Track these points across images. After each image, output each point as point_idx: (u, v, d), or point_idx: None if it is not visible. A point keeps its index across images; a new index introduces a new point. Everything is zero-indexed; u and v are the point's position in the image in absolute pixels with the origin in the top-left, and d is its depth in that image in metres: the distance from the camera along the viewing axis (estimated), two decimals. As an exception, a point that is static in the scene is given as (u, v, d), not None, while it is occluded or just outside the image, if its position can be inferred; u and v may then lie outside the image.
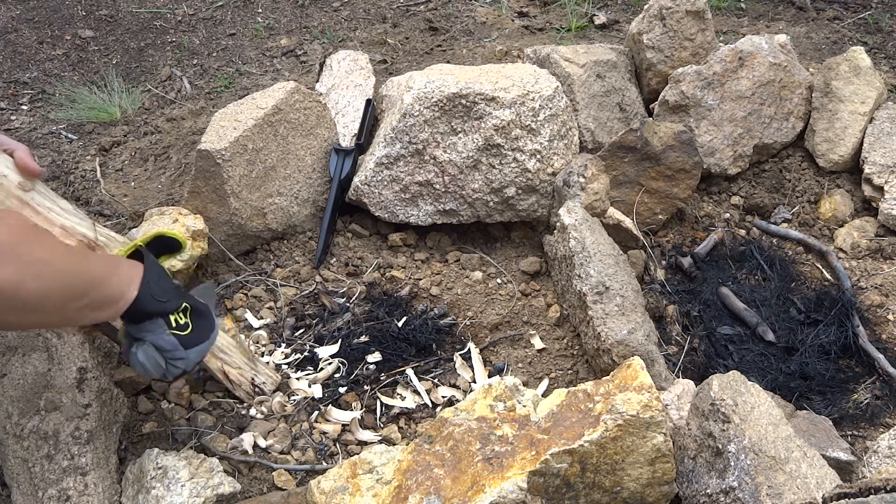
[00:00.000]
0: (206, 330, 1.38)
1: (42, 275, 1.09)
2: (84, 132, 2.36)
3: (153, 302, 1.27)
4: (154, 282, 1.28)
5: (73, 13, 2.95)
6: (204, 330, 1.37)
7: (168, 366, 1.33)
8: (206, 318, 1.39)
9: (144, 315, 1.28)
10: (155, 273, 1.30)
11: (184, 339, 1.32)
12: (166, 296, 1.30)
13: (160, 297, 1.28)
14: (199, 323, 1.36)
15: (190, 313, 1.35)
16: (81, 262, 1.22)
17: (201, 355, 1.38)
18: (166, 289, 1.31)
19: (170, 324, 1.31)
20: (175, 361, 1.33)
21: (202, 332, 1.37)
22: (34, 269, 1.08)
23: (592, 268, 1.70)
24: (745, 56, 2.22)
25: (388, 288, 1.90)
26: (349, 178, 2.01)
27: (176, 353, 1.32)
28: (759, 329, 1.89)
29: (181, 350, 1.32)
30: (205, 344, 1.37)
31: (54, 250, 1.16)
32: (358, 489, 1.30)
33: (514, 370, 1.75)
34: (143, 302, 1.26)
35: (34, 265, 1.08)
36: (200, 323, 1.37)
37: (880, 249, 2.12)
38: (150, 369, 1.31)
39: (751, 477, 1.24)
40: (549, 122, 1.97)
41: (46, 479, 1.31)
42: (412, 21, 2.96)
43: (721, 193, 2.27)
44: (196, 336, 1.35)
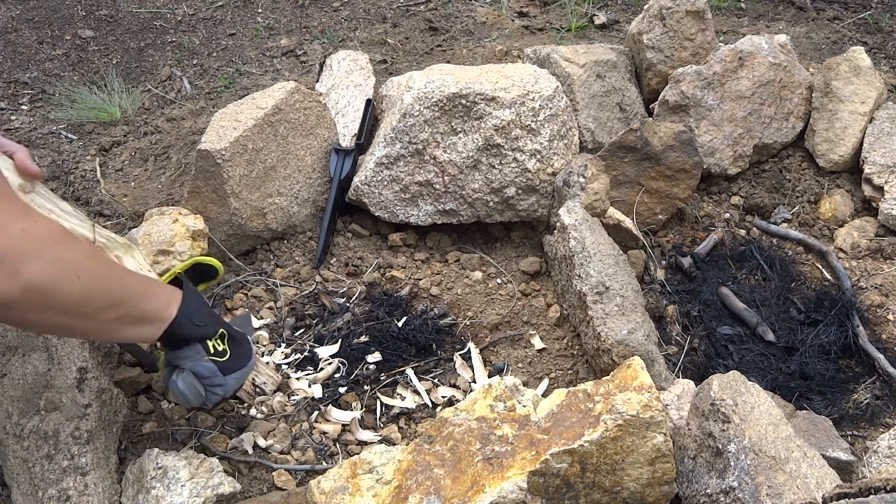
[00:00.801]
0: (244, 357, 1.40)
1: (80, 276, 1.09)
2: (84, 132, 2.36)
3: (192, 326, 1.29)
4: (193, 307, 1.30)
5: (73, 13, 2.95)
6: (242, 356, 1.39)
7: (208, 393, 1.35)
8: (243, 345, 1.40)
9: (183, 340, 1.30)
10: (194, 299, 1.32)
11: (222, 366, 1.34)
12: (204, 321, 1.31)
13: (198, 322, 1.30)
14: (237, 349, 1.38)
15: (227, 340, 1.37)
16: (120, 273, 1.24)
17: (240, 382, 1.40)
18: (204, 314, 1.32)
19: (208, 350, 1.33)
20: (214, 388, 1.35)
21: (240, 358, 1.38)
22: (72, 269, 1.09)
23: (592, 268, 1.70)
24: (745, 56, 2.22)
25: (388, 288, 1.90)
26: (349, 178, 2.01)
27: (215, 379, 1.34)
28: (759, 329, 1.89)
29: (220, 376, 1.34)
30: (243, 370, 1.39)
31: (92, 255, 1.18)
32: (358, 489, 1.30)
33: (514, 370, 1.75)
34: (182, 325, 1.27)
35: (72, 265, 1.09)
36: (238, 349, 1.38)
37: (880, 249, 2.12)
38: (189, 397, 1.33)
39: (751, 477, 1.24)
40: (549, 122, 1.97)
41: (46, 479, 1.31)
42: (412, 21, 2.96)
43: (721, 193, 2.27)
44: (234, 362, 1.37)
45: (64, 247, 1.09)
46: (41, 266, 1.03)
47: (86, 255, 1.15)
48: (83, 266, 1.11)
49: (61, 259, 1.08)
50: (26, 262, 1.02)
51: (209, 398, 1.36)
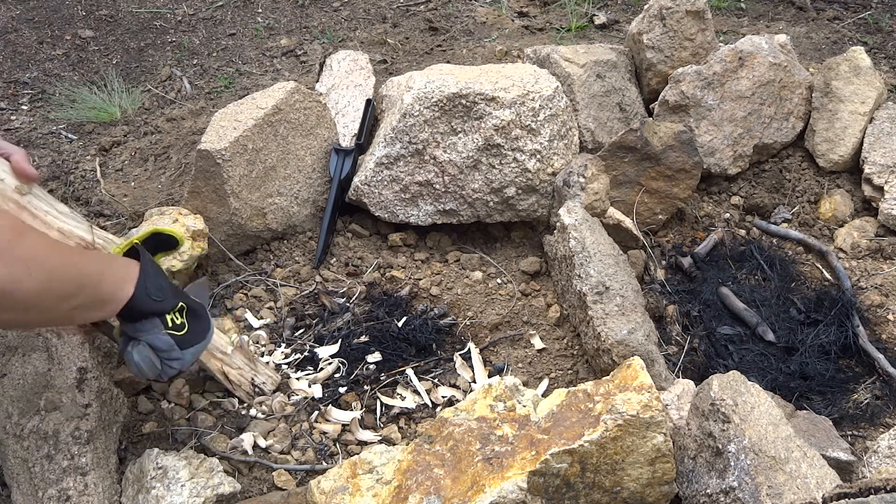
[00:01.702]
0: (203, 330, 1.38)
1: (35, 273, 1.08)
2: (84, 132, 2.36)
3: (149, 301, 1.27)
4: (150, 281, 1.27)
5: (73, 13, 2.95)
6: (200, 330, 1.37)
7: (164, 366, 1.32)
8: (202, 319, 1.38)
9: (140, 314, 1.28)
10: (151, 272, 1.29)
11: (179, 339, 1.32)
12: (162, 295, 1.29)
13: (156, 297, 1.28)
14: (195, 323, 1.36)
15: (186, 313, 1.35)
16: (75, 260, 1.21)
17: (196, 355, 1.38)
18: (162, 287, 1.30)
19: (166, 323, 1.30)
20: (171, 362, 1.32)
21: (198, 332, 1.36)
22: (27, 266, 1.07)
23: (592, 268, 1.70)
24: (745, 56, 2.22)
25: (388, 288, 1.90)
26: (349, 178, 2.01)
27: (172, 353, 1.32)
28: (759, 329, 1.89)
29: (177, 350, 1.32)
30: (200, 344, 1.37)
31: (47, 248, 1.15)
32: (358, 489, 1.30)
33: (514, 370, 1.74)
34: (139, 301, 1.25)
35: (27, 263, 1.08)
36: (196, 323, 1.36)
37: (880, 249, 2.12)
38: (145, 369, 1.31)
39: (751, 477, 1.24)
40: (549, 122, 1.97)
41: (46, 479, 1.31)
42: (412, 21, 2.96)
43: (721, 193, 2.27)
44: (192, 336, 1.35)
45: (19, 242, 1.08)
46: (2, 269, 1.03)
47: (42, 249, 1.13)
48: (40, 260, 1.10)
49: (18, 258, 1.06)
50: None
51: (165, 371, 1.33)
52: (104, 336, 1.46)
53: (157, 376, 1.34)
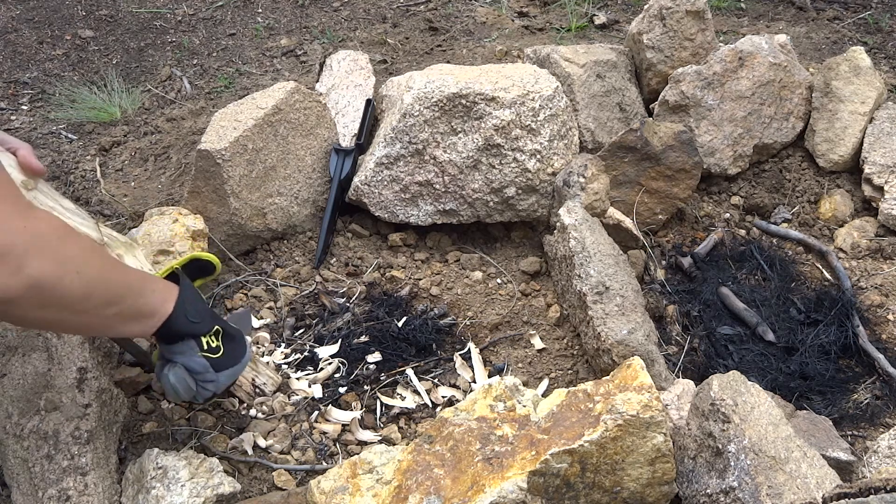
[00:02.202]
0: (238, 354, 1.40)
1: (82, 272, 1.10)
2: (84, 132, 2.36)
3: (186, 323, 1.29)
4: (189, 303, 1.30)
5: (73, 13, 2.95)
6: (235, 354, 1.39)
7: (199, 388, 1.35)
8: (237, 343, 1.40)
9: (177, 336, 1.30)
10: (190, 294, 1.32)
11: (214, 362, 1.34)
12: (199, 317, 1.32)
13: (193, 318, 1.30)
14: (231, 347, 1.38)
15: (222, 337, 1.37)
16: (118, 270, 1.24)
17: (232, 379, 1.40)
18: (200, 311, 1.32)
19: (201, 346, 1.33)
20: (206, 384, 1.35)
21: (233, 355, 1.38)
22: (74, 265, 1.09)
23: (592, 268, 1.70)
24: (745, 56, 2.22)
25: (388, 288, 1.90)
26: (349, 178, 2.01)
27: (207, 375, 1.34)
28: (759, 329, 1.89)
29: (212, 373, 1.34)
30: (236, 367, 1.39)
31: (92, 252, 1.18)
32: (358, 489, 1.30)
33: (514, 370, 1.75)
34: (177, 321, 1.28)
35: (74, 261, 1.09)
36: (231, 347, 1.38)
37: (880, 249, 2.12)
38: (180, 391, 1.33)
39: (751, 477, 1.24)
40: (549, 122, 1.97)
41: (46, 479, 1.31)
42: (412, 21, 2.96)
43: (721, 193, 2.27)
44: (227, 360, 1.37)
45: (66, 243, 1.10)
46: (44, 263, 1.04)
47: (87, 251, 1.15)
48: (84, 262, 1.11)
49: (63, 255, 1.08)
50: (29, 259, 1.02)
51: (200, 393, 1.36)
52: (143, 364, 1.48)
53: (192, 398, 1.37)
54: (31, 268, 1.02)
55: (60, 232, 1.10)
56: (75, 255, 1.10)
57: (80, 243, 1.15)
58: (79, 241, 1.15)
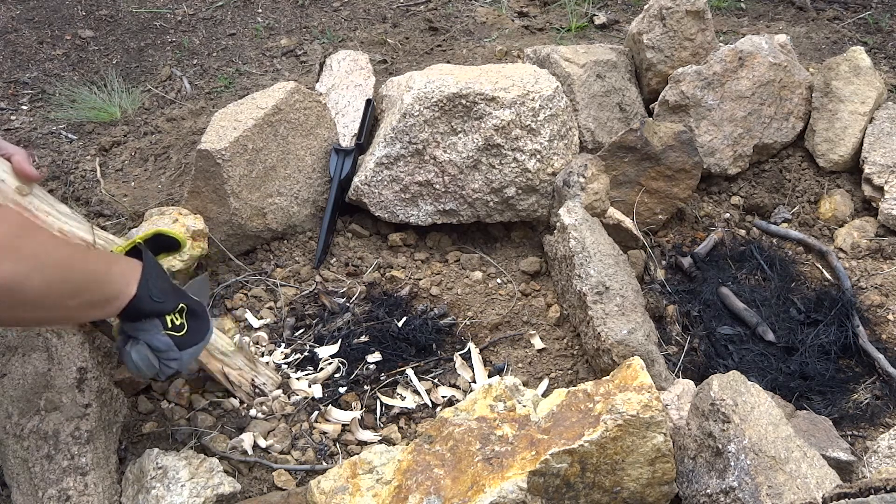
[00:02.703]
0: (201, 331, 1.38)
1: (43, 269, 1.08)
2: (84, 132, 2.36)
3: (151, 302, 1.27)
4: (152, 282, 1.28)
5: (73, 13, 2.95)
6: (199, 331, 1.37)
7: (161, 366, 1.33)
8: (201, 319, 1.38)
9: (141, 314, 1.28)
10: (153, 272, 1.30)
11: (178, 340, 1.32)
12: (164, 296, 1.30)
13: (157, 298, 1.28)
14: (195, 324, 1.36)
15: (186, 314, 1.35)
16: (80, 258, 1.21)
17: (195, 356, 1.38)
18: (164, 289, 1.30)
19: (165, 324, 1.31)
20: (169, 362, 1.33)
21: (197, 333, 1.36)
22: (34, 263, 1.07)
23: (592, 268, 1.70)
24: (745, 56, 2.22)
25: (388, 288, 1.90)
26: (349, 178, 2.01)
27: (170, 353, 1.32)
28: (759, 329, 1.89)
29: (175, 351, 1.32)
30: (199, 345, 1.37)
31: (53, 245, 1.16)
32: (358, 489, 1.30)
33: (514, 370, 1.74)
34: (141, 301, 1.26)
35: (34, 260, 1.08)
36: (196, 324, 1.36)
37: (880, 249, 2.12)
38: (143, 369, 1.31)
39: (751, 477, 1.24)
40: (549, 122, 1.97)
41: (46, 479, 1.31)
42: (412, 21, 2.96)
43: (721, 193, 2.27)
44: (191, 337, 1.35)
45: (25, 239, 1.08)
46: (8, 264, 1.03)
47: (47, 245, 1.13)
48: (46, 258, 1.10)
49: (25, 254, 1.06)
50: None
51: (163, 371, 1.34)
52: (104, 336, 1.46)
53: (154, 375, 1.34)
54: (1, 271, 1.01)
55: (20, 230, 1.08)
56: (36, 251, 1.09)
57: (40, 237, 1.13)
58: (38, 236, 1.13)
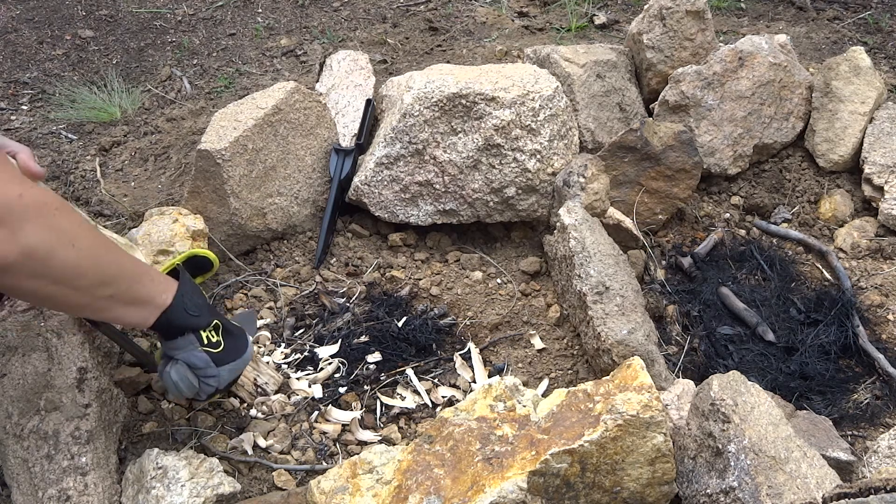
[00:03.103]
0: (239, 350, 1.39)
1: (77, 245, 1.09)
2: (84, 132, 2.36)
3: (185, 316, 1.29)
4: (188, 296, 1.30)
5: (73, 13, 2.95)
6: (236, 349, 1.39)
7: (201, 384, 1.35)
8: (238, 339, 1.40)
9: (176, 329, 1.30)
10: (189, 289, 1.32)
11: (216, 357, 1.34)
12: (198, 311, 1.31)
13: (192, 312, 1.30)
14: (231, 342, 1.38)
15: (221, 332, 1.36)
16: (116, 251, 1.22)
17: (234, 374, 1.40)
18: (199, 305, 1.32)
19: (201, 340, 1.33)
20: (207, 379, 1.35)
21: (234, 350, 1.38)
22: (69, 237, 1.08)
23: (592, 268, 1.70)
24: (745, 56, 2.22)
25: (388, 288, 1.90)
26: (349, 178, 2.01)
27: (208, 370, 1.34)
28: (759, 329, 1.89)
29: (213, 367, 1.34)
30: (237, 361, 1.39)
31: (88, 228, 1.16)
32: (358, 489, 1.30)
33: (514, 370, 1.74)
34: (176, 313, 1.27)
35: (69, 234, 1.08)
36: (232, 342, 1.38)
37: (880, 249, 2.12)
38: (182, 388, 1.33)
39: (751, 477, 1.24)
40: (549, 122, 1.97)
41: (46, 479, 1.31)
42: (412, 21, 2.96)
43: (721, 193, 2.27)
44: (228, 354, 1.36)
45: (62, 215, 1.09)
46: (39, 231, 1.03)
47: (82, 226, 1.14)
48: (80, 236, 1.11)
49: (59, 226, 1.07)
50: (24, 226, 1.02)
51: (203, 389, 1.35)
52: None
53: (195, 395, 1.36)
54: (26, 234, 1.01)
55: (57, 203, 1.09)
56: (71, 227, 1.09)
57: (76, 218, 1.14)
58: (74, 216, 1.13)
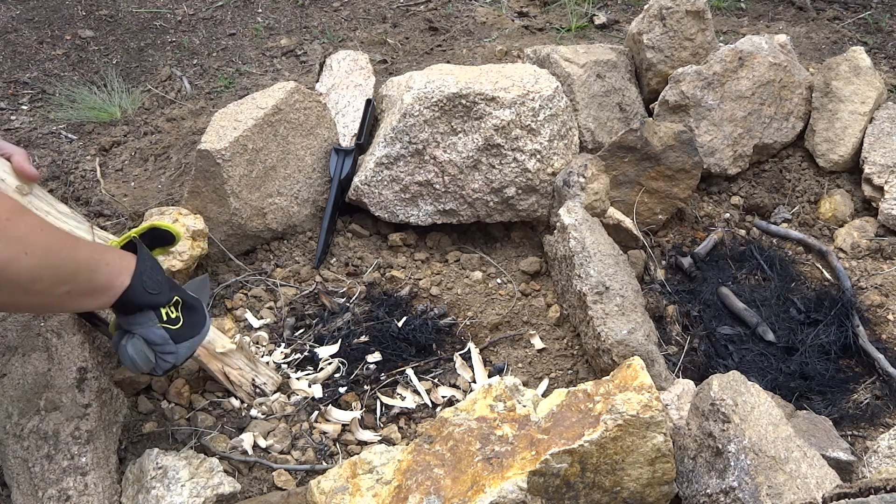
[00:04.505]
0: (198, 325, 1.37)
1: (31, 253, 1.07)
2: (84, 132, 2.36)
3: (144, 294, 1.26)
4: (146, 274, 1.27)
5: (73, 13, 2.95)
6: (195, 325, 1.36)
7: (158, 360, 1.32)
8: (197, 313, 1.38)
9: (135, 307, 1.27)
10: (147, 265, 1.29)
11: (174, 333, 1.31)
12: (158, 288, 1.29)
13: (152, 290, 1.27)
14: (191, 317, 1.35)
15: (181, 307, 1.34)
16: (70, 245, 1.20)
17: (191, 350, 1.37)
18: (158, 281, 1.29)
19: (160, 317, 1.30)
20: (165, 356, 1.32)
21: (193, 326, 1.36)
22: (23, 245, 1.07)
23: (592, 268, 1.70)
24: (745, 56, 2.22)
25: (388, 288, 1.90)
26: (349, 178, 2.01)
27: (166, 346, 1.31)
28: (759, 329, 1.89)
29: (171, 344, 1.31)
30: (195, 338, 1.36)
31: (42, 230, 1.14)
32: (358, 489, 1.30)
33: (514, 370, 1.74)
34: (135, 293, 1.25)
35: (23, 242, 1.07)
36: (191, 317, 1.36)
37: (880, 249, 2.12)
38: (139, 363, 1.30)
39: (751, 477, 1.24)
40: (549, 122, 1.97)
41: (46, 479, 1.31)
42: (412, 21, 2.96)
43: (721, 193, 2.27)
44: (187, 331, 1.34)
45: (13, 224, 1.07)
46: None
47: (35, 230, 1.12)
48: (33, 242, 1.09)
49: (11, 236, 1.06)
50: None
51: (159, 365, 1.33)
52: (104, 336, 1.46)
53: (151, 370, 1.33)
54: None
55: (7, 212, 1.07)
56: (24, 235, 1.08)
57: (29, 222, 1.12)
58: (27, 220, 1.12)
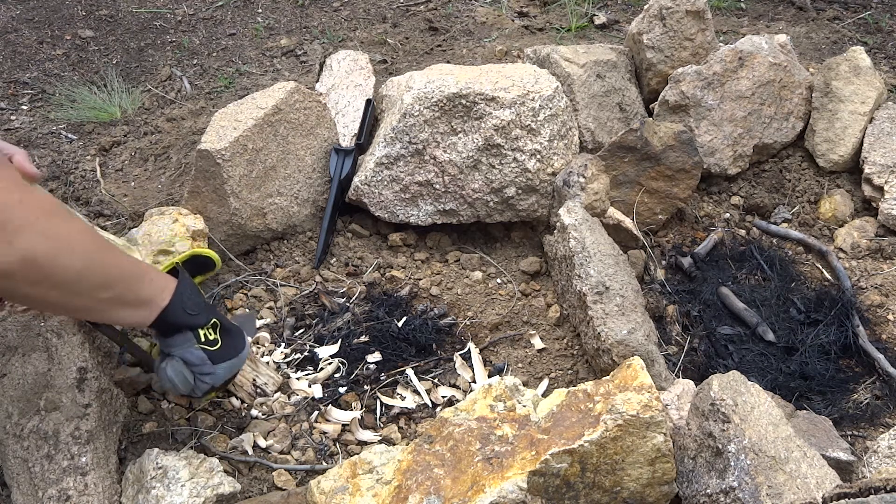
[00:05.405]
0: (236, 348, 1.40)
1: (77, 251, 1.10)
2: (84, 132, 2.36)
3: (184, 314, 1.30)
4: (186, 295, 1.30)
5: (73, 13, 2.95)
6: (233, 347, 1.39)
7: (196, 381, 1.35)
8: (236, 337, 1.41)
9: (174, 327, 1.31)
10: (188, 288, 1.32)
11: (212, 355, 1.35)
12: (197, 310, 1.32)
13: (191, 311, 1.31)
14: (229, 340, 1.39)
15: (220, 330, 1.37)
16: (114, 253, 1.23)
17: (230, 372, 1.40)
18: (198, 303, 1.33)
19: (199, 338, 1.33)
20: (203, 376, 1.35)
21: (231, 349, 1.39)
22: (68, 242, 1.09)
23: (592, 268, 1.70)
24: (745, 56, 2.22)
25: (388, 288, 1.90)
26: (349, 178, 2.01)
27: (204, 367, 1.34)
28: (759, 329, 1.89)
29: (209, 365, 1.35)
30: (234, 360, 1.39)
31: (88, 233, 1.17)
32: (358, 489, 1.30)
33: (514, 370, 1.75)
34: (174, 312, 1.28)
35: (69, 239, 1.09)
36: (230, 340, 1.39)
37: (880, 249, 2.12)
38: (178, 384, 1.34)
39: (751, 477, 1.24)
40: (549, 122, 1.97)
41: (46, 479, 1.31)
42: (412, 21, 2.96)
43: (721, 193, 2.27)
44: (225, 352, 1.37)
45: (62, 220, 1.09)
46: (38, 237, 1.04)
47: (82, 231, 1.15)
48: (79, 241, 1.11)
49: (59, 232, 1.08)
50: (23, 232, 1.02)
51: (198, 387, 1.36)
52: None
53: (190, 391, 1.37)
54: (25, 241, 1.02)
55: (56, 209, 1.10)
56: (70, 233, 1.10)
57: (76, 223, 1.15)
58: (74, 221, 1.14)
